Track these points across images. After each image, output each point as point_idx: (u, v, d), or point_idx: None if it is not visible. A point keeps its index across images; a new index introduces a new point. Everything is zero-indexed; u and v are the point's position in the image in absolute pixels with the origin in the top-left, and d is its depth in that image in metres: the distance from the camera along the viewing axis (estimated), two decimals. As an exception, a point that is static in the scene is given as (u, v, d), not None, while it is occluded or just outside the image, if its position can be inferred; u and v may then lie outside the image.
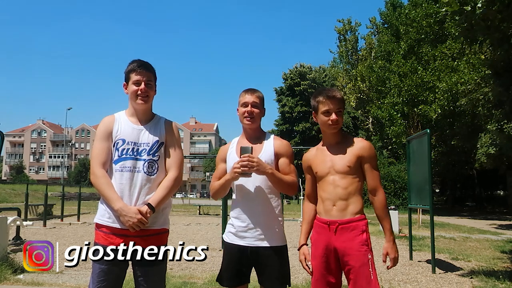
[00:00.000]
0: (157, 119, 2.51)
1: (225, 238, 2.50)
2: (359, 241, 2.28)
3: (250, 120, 2.48)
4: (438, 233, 10.85)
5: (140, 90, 2.38)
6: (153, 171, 2.38)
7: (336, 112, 2.38)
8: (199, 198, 62.11)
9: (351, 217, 2.32)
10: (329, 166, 2.40)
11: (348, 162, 2.34)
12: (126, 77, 2.44)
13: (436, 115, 20.03)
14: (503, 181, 30.87)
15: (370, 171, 2.36)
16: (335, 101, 2.38)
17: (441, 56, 20.71)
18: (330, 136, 2.45)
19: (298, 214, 15.93)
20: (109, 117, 2.46)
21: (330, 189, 2.38)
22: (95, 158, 2.37)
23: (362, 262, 2.24)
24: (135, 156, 2.37)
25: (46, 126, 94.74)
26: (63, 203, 16.56)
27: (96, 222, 2.37)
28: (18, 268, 5.50)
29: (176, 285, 5.02)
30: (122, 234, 2.28)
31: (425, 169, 6.63)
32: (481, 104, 14.80)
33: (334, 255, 2.33)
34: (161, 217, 2.39)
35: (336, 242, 2.32)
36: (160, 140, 2.44)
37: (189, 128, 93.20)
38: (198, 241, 9.54)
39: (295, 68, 50.43)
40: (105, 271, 2.26)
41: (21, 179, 69.55)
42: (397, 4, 29.96)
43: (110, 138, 2.40)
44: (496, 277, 5.57)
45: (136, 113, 2.46)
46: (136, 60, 2.46)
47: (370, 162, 2.37)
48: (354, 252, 2.27)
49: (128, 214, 2.24)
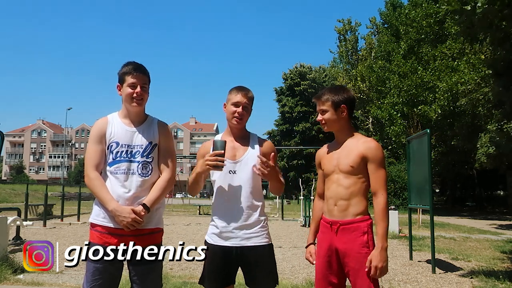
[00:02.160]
0: (150, 121, 2.51)
1: (208, 239, 2.44)
2: (360, 243, 2.25)
3: (239, 121, 2.46)
4: (438, 233, 10.84)
5: (135, 93, 2.39)
6: (147, 172, 2.41)
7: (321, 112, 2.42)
8: (199, 198, 62.02)
9: (352, 218, 2.29)
10: (334, 164, 2.38)
11: (352, 162, 2.31)
12: (121, 78, 2.44)
13: (436, 115, 20.04)
14: (503, 181, 30.85)
15: (373, 173, 2.30)
16: (318, 102, 2.43)
17: (441, 56, 20.72)
18: (338, 134, 2.43)
19: (298, 214, 15.91)
20: (102, 120, 2.48)
21: (333, 188, 2.36)
22: (89, 160, 2.39)
23: (362, 264, 2.21)
24: (129, 158, 2.39)
25: (46, 126, 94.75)
26: (63, 203, 16.53)
27: (91, 222, 2.39)
28: (18, 268, 5.49)
29: (176, 285, 5.02)
30: (117, 233, 2.31)
31: (425, 169, 6.63)
32: (481, 104, 14.82)
33: (336, 256, 2.31)
34: (155, 217, 2.42)
35: (338, 243, 2.30)
36: (154, 142, 2.45)
37: (189, 128, 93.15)
38: (198, 241, 9.52)
39: (295, 68, 50.45)
40: (99, 270, 2.26)
41: (21, 179, 69.55)
42: (397, 4, 29.97)
43: (104, 141, 2.41)
44: (496, 277, 5.56)
45: (129, 115, 2.47)
46: (131, 62, 2.47)
47: (374, 163, 2.29)
48: (354, 253, 2.25)
49: (122, 214, 2.27)
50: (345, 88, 2.52)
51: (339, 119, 2.39)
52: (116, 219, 2.29)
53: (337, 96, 2.40)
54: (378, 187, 2.29)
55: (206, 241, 2.44)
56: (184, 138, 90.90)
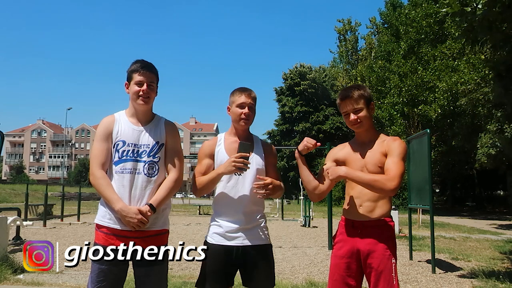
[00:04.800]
0: (157, 120, 2.49)
1: (209, 239, 2.41)
2: (384, 245, 2.21)
3: (247, 122, 2.46)
4: (438, 233, 10.85)
5: (142, 91, 2.37)
6: (154, 172, 2.38)
7: (354, 111, 2.32)
8: (199, 198, 61.94)
9: (377, 218, 2.26)
10: (362, 164, 2.32)
11: (379, 162, 2.26)
12: (129, 76, 2.42)
13: (436, 115, 20.02)
14: (503, 181, 30.85)
15: (390, 162, 2.23)
16: (350, 101, 2.33)
17: (441, 56, 20.70)
18: (366, 133, 2.38)
19: (298, 214, 15.91)
20: (109, 118, 2.44)
21: (359, 189, 2.30)
22: (95, 159, 2.35)
23: (385, 266, 2.18)
24: (135, 158, 2.36)
25: (46, 126, 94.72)
26: (63, 203, 16.55)
27: (96, 223, 2.37)
28: (18, 268, 5.50)
29: (176, 285, 5.02)
30: (122, 235, 2.28)
31: (425, 169, 6.63)
32: (481, 104, 14.82)
33: (357, 257, 2.27)
34: (161, 218, 2.39)
35: (360, 244, 2.26)
36: (161, 142, 2.43)
37: (189, 128, 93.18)
38: (198, 241, 9.52)
39: (295, 68, 50.39)
40: (104, 271, 2.25)
41: (21, 179, 69.50)
42: (397, 4, 29.96)
43: (110, 139, 2.38)
44: (496, 277, 5.56)
45: (136, 114, 2.44)
46: (139, 60, 2.45)
47: (392, 155, 2.23)
48: (378, 255, 2.20)
49: (128, 215, 2.24)
50: (364, 86, 2.46)
51: (370, 116, 2.36)
52: (122, 219, 2.27)
53: (366, 92, 2.35)
54: (392, 171, 2.18)
55: (206, 241, 2.42)
56: (184, 138, 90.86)
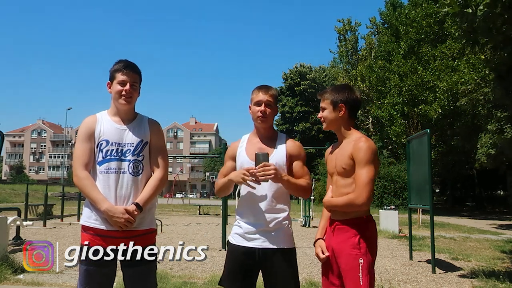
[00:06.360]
0: (140, 118, 2.48)
1: (230, 239, 2.40)
2: (351, 244, 2.21)
3: (264, 120, 2.42)
4: (438, 233, 10.84)
5: (125, 91, 2.35)
6: (138, 171, 2.37)
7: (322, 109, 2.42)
8: (199, 198, 62.02)
9: (347, 218, 2.26)
10: (333, 165, 2.38)
11: (344, 164, 2.28)
12: (111, 76, 2.41)
13: (436, 115, 20.04)
14: (503, 181, 30.85)
15: (356, 173, 2.22)
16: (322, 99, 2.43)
17: (441, 56, 20.73)
18: (337, 134, 2.41)
19: (298, 214, 15.92)
20: (91, 118, 2.43)
21: (333, 189, 2.36)
22: (78, 159, 2.33)
23: (351, 265, 2.18)
24: (119, 157, 2.34)
25: (46, 126, 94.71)
26: (63, 203, 16.54)
27: (82, 224, 2.34)
28: (18, 268, 5.50)
29: (176, 285, 5.02)
30: (109, 235, 2.26)
31: (425, 169, 6.63)
32: (481, 104, 14.83)
33: (333, 256, 2.30)
34: (148, 217, 2.38)
35: (334, 243, 2.29)
36: (145, 140, 2.41)
37: (189, 128, 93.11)
38: (198, 241, 9.52)
39: (295, 68, 50.46)
40: (90, 272, 2.24)
41: (21, 179, 69.54)
42: (397, 4, 29.94)
43: (93, 139, 2.36)
44: (496, 277, 5.56)
45: (118, 113, 2.43)
46: (122, 60, 2.44)
47: (357, 163, 2.22)
48: (345, 255, 2.22)
49: (115, 215, 2.23)
50: (350, 88, 2.42)
51: (337, 118, 2.36)
52: (109, 220, 2.25)
53: (337, 95, 2.36)
54: (358, 185, 2.19)
55: (228, 241, 2.42)
56: (184, 138, 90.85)
